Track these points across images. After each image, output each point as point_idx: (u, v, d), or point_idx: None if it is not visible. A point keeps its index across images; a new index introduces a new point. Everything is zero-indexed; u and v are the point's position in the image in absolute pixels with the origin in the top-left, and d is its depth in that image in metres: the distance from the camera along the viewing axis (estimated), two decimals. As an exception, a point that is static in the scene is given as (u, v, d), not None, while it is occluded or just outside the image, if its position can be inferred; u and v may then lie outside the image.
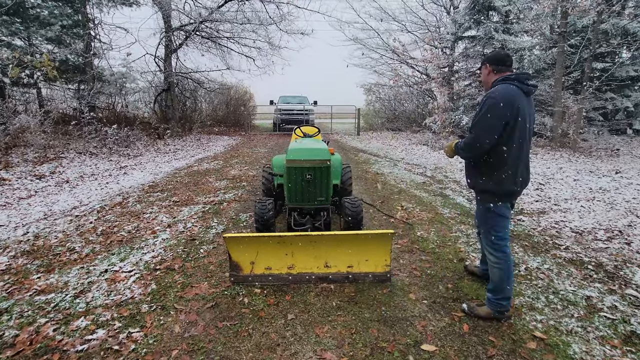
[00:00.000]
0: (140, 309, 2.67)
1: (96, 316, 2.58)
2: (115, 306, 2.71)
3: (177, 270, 3.29)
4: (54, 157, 9.20)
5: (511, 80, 2.33)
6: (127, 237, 4.11)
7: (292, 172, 3.43)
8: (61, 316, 2.58)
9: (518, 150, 2.31)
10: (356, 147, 12.21)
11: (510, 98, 2.23)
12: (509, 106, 2.22)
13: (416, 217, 4.77)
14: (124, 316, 2.58)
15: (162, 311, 2.65)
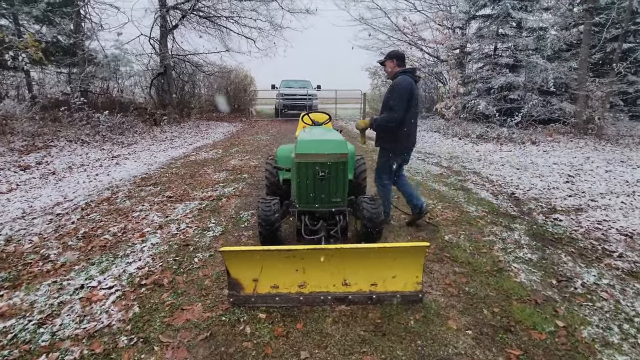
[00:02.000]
0: (117, 342, 2.16)
1: (61, 353, 2.06)
2: (87, 338, 2.19)
3: (166, 286, 2.77)
4: (42, 146, 8.63)
5: (407, 72, 3.48)
6: (112, 242, 3.58)
7: (302, 169, 2.86)
8: (17, 354, 2.06)
9: (415, 119, 3.56)
10: (363, 134, 11.59)
11: (410, 84, 3.37)
12: (410, 90, 3.35)
13: (439, 217, 4.22)
14: (96, 353, 2.06)
15: (144, 345, 2.13)
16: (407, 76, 3.41)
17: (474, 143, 9.15)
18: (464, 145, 9.01)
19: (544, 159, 7.25)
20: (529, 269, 3.00)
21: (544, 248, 3.41)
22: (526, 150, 8.20)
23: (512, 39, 11.41)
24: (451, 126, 10.85)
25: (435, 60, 13.88)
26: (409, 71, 3.50)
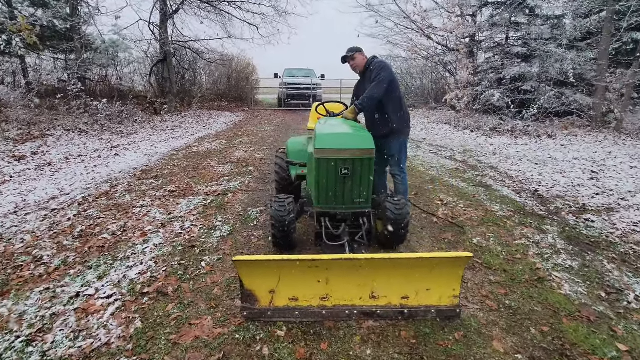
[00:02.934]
0: (116, 365, 1.88)
1: (52, 380, 1.78)
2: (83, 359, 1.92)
3: (171, 295, 2.48)
4: (39, 135, 8.29)
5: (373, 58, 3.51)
6: (111, 242, 3.29)
7: (323, 166, 2.55)
8: (1, 380, 1.78)
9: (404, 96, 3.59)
10: (370, 126, 11.23)
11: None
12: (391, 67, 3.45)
13: (463, 216, 3.92)
14: (92, 380, 1.79)
15: (148, 370, 1.85)
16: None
17: (487, 136, 8.81)
18: (476, 138, 8.68)
19: (562, 154, 6.93)
20: (572, 278, 2.72)
21: (583, 254, 3.12)
22: (543, 144, 7.87)
23: (526, 27, 10.97)
24: (462, 118, 10.49)
25: (444, 49, 13.44)
26: (374, 57, 3.53)
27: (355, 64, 3.47)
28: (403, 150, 3.58)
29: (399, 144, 3.54)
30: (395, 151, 3.54)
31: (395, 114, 3.43)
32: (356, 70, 3.54)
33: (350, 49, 3.48)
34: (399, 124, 3.46)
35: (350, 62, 3.49)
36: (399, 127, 3.46)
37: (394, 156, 3.57)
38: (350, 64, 3.50)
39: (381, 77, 3.26)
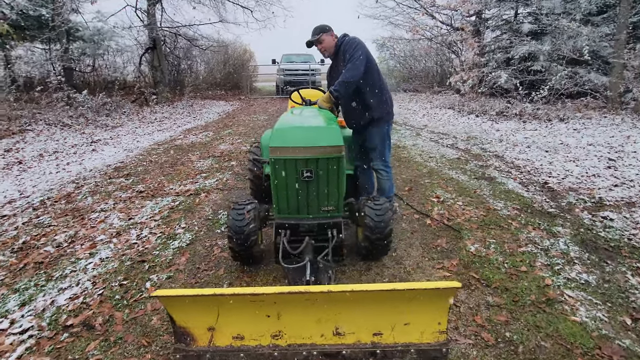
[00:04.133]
0: None
1: None
2: None
3: (98, 328, 2.06)
4: (18, 130, 7.93)
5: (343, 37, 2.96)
6: (53, 256, 2.88)
7: (280, 168, 2.07)
8: None
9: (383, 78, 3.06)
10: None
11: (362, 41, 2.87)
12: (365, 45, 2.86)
13: (461, 216, 3.42)
14: None
15: None
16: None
17: (493, 121, 8.19)
18: (482, 123, 8.06)
19: (575, 139, 6.32)
20: (589, 298, 2.23)
21: (601, 263, 2.61)
22: (554, 128, 7.25)
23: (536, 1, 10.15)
24: (467, 102, 9.84)
25: (449, 28, 12.65)
26: (345, 35, 2.99)
27: (324, 46, 2.92)
28: (386, 141, 3.10)
29: (381, 134, 3.05)
30: (377, 142, 3.05)
31: (374, 98, 2.94)
32: (325, 54, 3.01)
33: (316, 30, 2.91)
34: (379, 111, 2.97)
35: (317, 46, 2.95)
36: (379, 113, 2.97)
37: (376, 148, 3.09)
38: (318, 47, 2.96)
39: (355, 57, 2.74)
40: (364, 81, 2.84)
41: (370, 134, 3.08)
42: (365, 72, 2.77)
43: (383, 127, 3.06)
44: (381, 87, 2.97)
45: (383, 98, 2.99)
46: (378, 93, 2.94)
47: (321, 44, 2.93)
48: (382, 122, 3.04)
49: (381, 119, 3.02)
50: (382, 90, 2.97)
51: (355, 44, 2.80)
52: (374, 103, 2.94)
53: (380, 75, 2.99)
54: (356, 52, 2.75)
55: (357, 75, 2.72)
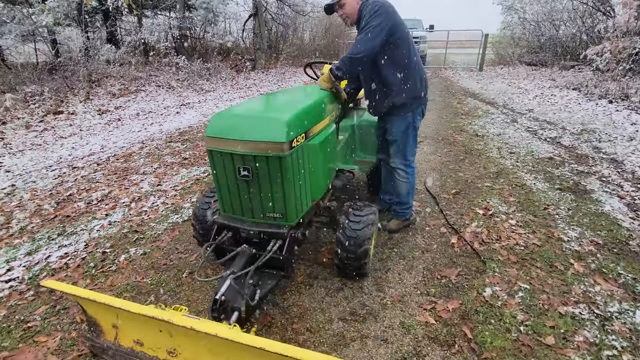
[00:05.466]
0: None
1: None
2: None
3: (56, 294, 2.18)
4: (134, 90, 9.21)
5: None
6: (79, 212, 3.21)
7: (218, 160, 1.77)
8: None
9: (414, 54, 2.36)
10: (468, 89, 9.14)
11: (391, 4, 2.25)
12: (394, 9, 2.24)
13: (503, 241, 2.61)
14: None
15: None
16: None
17: (633, 110, 6.13)
18: (613, 112, 6.11)
19: None
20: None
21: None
22: None
23: None
24: (602, 82, 7.58)
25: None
26: None
27: (345, 12, 2.31)
28: (409, 134, 2.49)
29: (403, 125, 2.46)
30: (397, 134, 2.49)
31: (396, 80, 2.32)
32: (347, 21, 2.39)
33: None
34: (402, 95, 2.36)
35: (338, 12, 2.36)
36: (401, 99, 2.36)
37: (396, 142, 2.52)
38: (339, 14, 2.36)
39: (370, 26, 2.13)
40: (383, 57, 2.26)
41: (390, 123, 2.50)
42: (386, 46, 2.19)
43: (406, 117, 2.44)
44: (408, 66, 2.32)
45: (409, 80, 2.34)
46: (403, 73, 2.31)
47: (342, 9, 2.32)
48: (405, 110, 2.42)
49: (404, 106, 2.40)
50: (409, 69, 2.33)
51: (376, 9, 2.16)
52: (395, 85, 2.34)
53: (410, 51, 2.32)
54: (373, 20, 2.14)
55: (367, 50, 2.12)
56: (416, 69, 2.38)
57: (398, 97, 2.36)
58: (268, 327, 1.90)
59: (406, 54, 2.31)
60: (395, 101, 2.38)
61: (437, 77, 11.41)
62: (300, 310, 2.01)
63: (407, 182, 2.59)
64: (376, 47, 2.14)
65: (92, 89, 8.81)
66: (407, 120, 2.45)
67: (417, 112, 2.47)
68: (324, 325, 1.90)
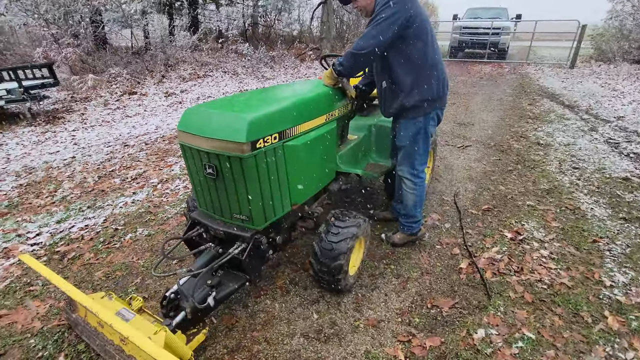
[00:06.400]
0: (-59, 320, 1.93)
1: None
2: (-60, 302, 2.07)
3: (64, 263, 2.39)
4: (202, 75, 9.80)
5: None
6: (113, 188, 3.50)
7: (187, 155, 1.75)
8: None
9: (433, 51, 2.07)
10: (547, 89, 8.01)
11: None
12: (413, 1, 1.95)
13: (523, 274, 2.21)
14: None
15: (-56, 339, 1.82)
16: None
17: None
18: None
19: None
20: None
21: None
22: None
23: None
24: None
25: None
26: None
27: (360, 4, 2.08)
28: (419, 140, 2.23)
29: (412, 130, 2.20)
30: (405, 140, 2.24)
31: (408, 78, 2.07)
32: (362, 13, 2.15)
33: None
34: (414, 97, 2.09)
35: (353, 4, 2.13)
36: (412, 100, 2.10)
37: (404, 148, 2.29)
38: (354, 6, 2.13)
39: (378, 19, 1.90)
40: (395, 53, 2.02)
41: (399, 127, 2.27)
42: (399, 41, 1.95)
43: (416, 121, 2.18)
44: (424, 64, 2.04)
45: (424, 80, 2.07)
46: (417, 72, 2.05)
47: (357, 1, 2.09)
48: (416, 113, 2.16)
49: (415, 108, 2.14)
50: (424, 68, 2.05)
51: (387, 0, 1.92)
52: (406, 85, 2.08)
53: (428, 47, 2.03)
54: (382, 12, 1.90)
55: (370, 46, 1.90)
56: (433, 67, 2.09)
57: (408, 98, 2.10)
58: (229, 329, 1.85)
59: (422, 51, 2.03)
60: (405, 103, 2.12)
61: (514, 73, 10.21)
62: (267, 318, 1.92)
63: (414, 193, 2.32)
64: (382, 42, 1.90)
65: (167, 72, 9.58)
66: (418, 126, 2.18)
67: (430, 117, 2.18)
68: (283, 339, 1.79)
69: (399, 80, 2.10)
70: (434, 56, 2.08)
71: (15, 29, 10.42)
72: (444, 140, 4.64)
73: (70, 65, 8.68)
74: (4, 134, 5.29)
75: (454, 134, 4.92)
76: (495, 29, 12.25)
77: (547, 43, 17.71)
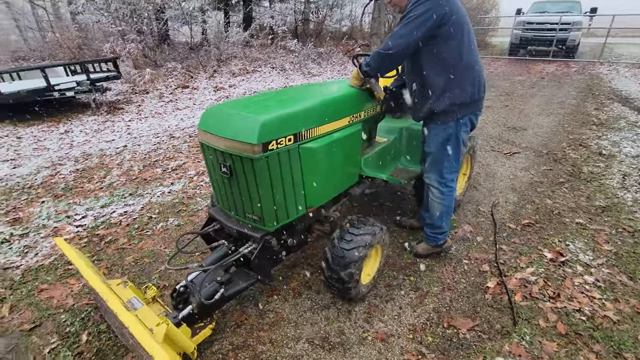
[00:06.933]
0: None
1: (-35, 278, 2.28)
2: None
3: (99, 247, 2.58)
4: (251, 70, 10.09)
5: None
6: (154, 177, 3.72)
7: (206, 153, 1.78)
8: (-42, 262, 2.43)
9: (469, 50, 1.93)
10: (619, 92, 7.14)
11: None
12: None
13: (560, 301, 1.99)
14: (-29, 292, 2.16)
15: (-6, 306, 2.05)
16: None
17: None
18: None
19: None
20: None
21: None
22: None
23: None
24: None
25: None
26: None
27: (393, 0, 1.96)
28: (449, 148, 2.07)
29: (442, 136, 2.06)
30: (434, 146, 2.10)
31: (439, 81, 1.93)
32: (396, 9, 2.02)
33: None
34: (445, 101, 1.94)
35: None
36: (443, 105, 1.95)
37: (432, 155, 2.15)
38: (386, 1, 2.03)
39: (410, 16, 1.78)
40: (427, 53, 1.89)
41: (428, 132, 2.14)
42: (431, 40, 1.83)
43: (447, 126, 2.04)
44: (458, 65, 1.89)
45: (457, 82, 1.92)
46: (449, 73, 1.90)
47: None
48: (446, 118, 2.02)
49: (446, 113, 2.00)
50: (459, 69, 1.90)
51: None
52: (437, 88, 1.95)
53: (464, 46, 1.88)
54: (414, 9, 1.78)
55: (398, 46, 1.79)
56: (468, 69, 1.93)
57: (438, 102, 1.97)
58: (238, 326, 1.88)
59: (457, 51, 1.88)
60: (435, 107, 1.99)
61: (582, 73, 9.24)
62: (276, 319, 1.92)
63: (441, 203, 2.18)
64: (412, 42, 1.79)
65: (219, 67, 9.99)
66: (448, 131, 2.04)
67: (462, 122, 2.02)
68: (288, 342, 1.78)
69: (429, 83, 1.97)
70: (470, 57, 1.92)
71: (90, 26, 11.48)
72: (490, 146, 4.32)
73: (133, 60, 9.38)
74: (72, 122, 5.85)
75: (502, 139, 4.57)
76: (564, 24, 11.17)
77: (627, 40, 15.84)
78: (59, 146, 4.74)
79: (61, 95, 6.05)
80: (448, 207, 2.20)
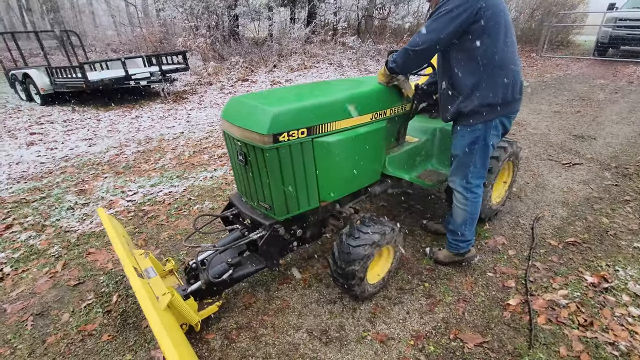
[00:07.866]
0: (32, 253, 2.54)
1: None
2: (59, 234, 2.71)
3: (142, 218, 2.87)
4: (310, 66, 10.28)
5: None
6: (201, 163, 4.00)
7: (227, 142, 1.89)
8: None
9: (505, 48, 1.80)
10: None
11: None
12: None
13: (592, 330, 1.77)
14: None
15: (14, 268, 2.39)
16: None
17: None
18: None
19: None
20: None
21: None
22: None
23: None
24: None
25: None
26: None
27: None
28: (476, 151, 1.95)
29: (468, 138, 1.94)
30: (459, 149, 2.00)
31: (468, 80, 1.82)
32: (432, 3, 1.91)
33: None
34: (472, 101, 1.84)
35: None
36: (471, 105, 1.85)
37: (457, 158, 2.04)
38: None
39: (441, 11, 1.71)
40: (458, 51, 1.81)
41: (455, 133, 2.04)
42: (464, 37, 1.74)
43: (475, 129, 1.92)
44: (491, 64, 1.77)
45: (487, 81, 1.80)
46: (481, 72, 1.79)
47: None
48: (474, 120, 1.91)
49: (473, 114, 1.89)
50: (491, 68, 1.78)
51: None
52: (466, 87, 1.85)
53: (499, 43, 1.75)
54: (446, 3, 1.71)
55: (427, 42, 1.72)
56: (501, 68, 1.80)
57: (467, 102, 1.86)
58: (246, 307, 1.98)
59: (490, 48, 1.76)
60: (462, 107, 1.88)
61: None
62: (282, 306, 1.98)
63: (465, 209, 2.06)
64: (441, 39, 1.71)
65: (279, 62, 10.33)
66: (475, 134, 1.91)
67: (491, 125, 1.89)
68: (288, 330, 1.83)
69: (458, 82, 1.87)
70: (504, 55, 1.78)
71: (169, 21, 12.53)
72: (547, 154, 3.94)
73: (202, 53, 10.08)
74: (143, 108, 6.48)
75: (563, 147, 4.14)
76: (635, 20, 9.68)
77: None
78: (128, 129, 5.30)
79: (136, 84, 6.74)
80: (472, 214, 2.08)
